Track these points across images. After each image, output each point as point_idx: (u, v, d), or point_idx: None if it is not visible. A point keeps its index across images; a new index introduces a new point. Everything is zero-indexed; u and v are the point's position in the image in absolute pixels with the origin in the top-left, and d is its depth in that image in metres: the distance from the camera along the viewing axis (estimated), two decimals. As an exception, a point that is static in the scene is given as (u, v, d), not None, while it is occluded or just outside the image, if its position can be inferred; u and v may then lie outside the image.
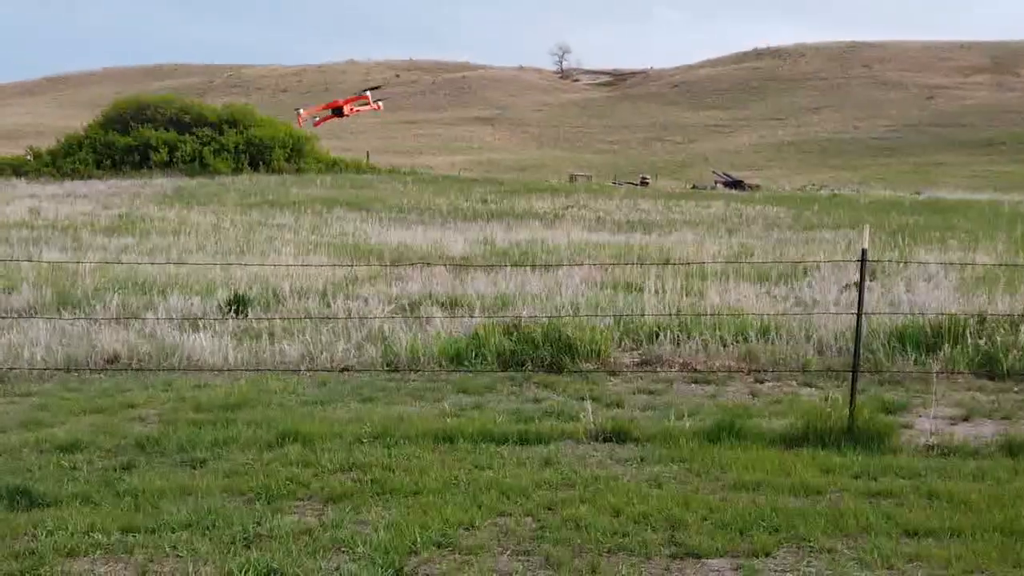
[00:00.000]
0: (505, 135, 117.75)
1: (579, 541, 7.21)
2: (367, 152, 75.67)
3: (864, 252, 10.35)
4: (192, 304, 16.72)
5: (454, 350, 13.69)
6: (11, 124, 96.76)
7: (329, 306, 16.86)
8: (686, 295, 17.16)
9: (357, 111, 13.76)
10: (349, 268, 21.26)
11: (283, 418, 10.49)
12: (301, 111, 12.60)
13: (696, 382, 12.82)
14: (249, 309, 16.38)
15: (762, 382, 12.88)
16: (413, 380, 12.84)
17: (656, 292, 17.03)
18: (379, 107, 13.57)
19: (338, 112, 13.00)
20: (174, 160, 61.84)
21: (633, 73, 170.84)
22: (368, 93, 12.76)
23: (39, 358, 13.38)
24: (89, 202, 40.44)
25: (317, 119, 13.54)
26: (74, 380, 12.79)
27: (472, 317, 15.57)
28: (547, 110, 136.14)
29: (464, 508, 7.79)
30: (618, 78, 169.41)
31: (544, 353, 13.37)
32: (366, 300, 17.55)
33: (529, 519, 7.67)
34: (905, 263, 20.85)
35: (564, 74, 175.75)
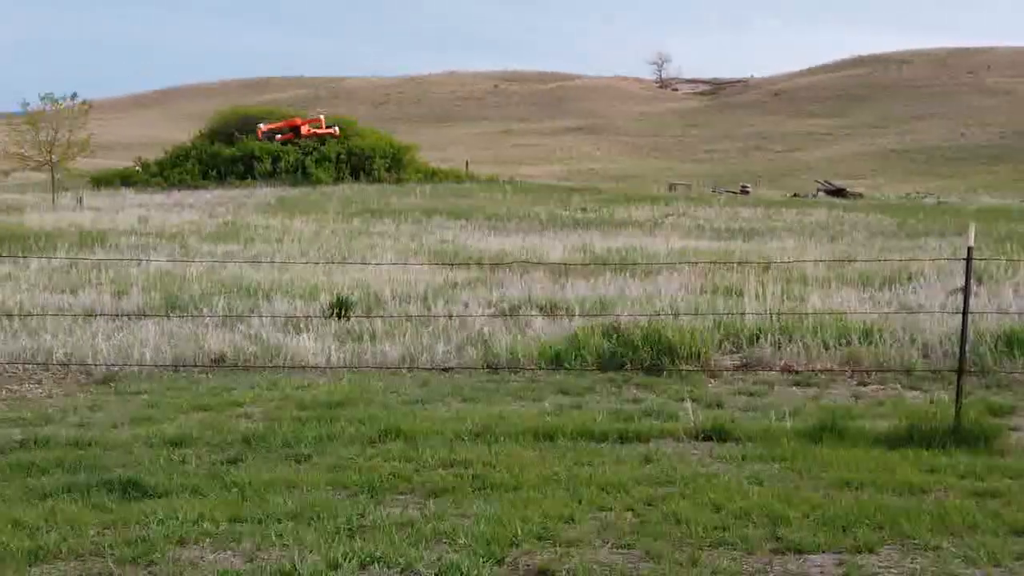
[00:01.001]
0: (603, 145, 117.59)
1: (679, 535, 7.21)
2: (466, 162, 76.09)
3: (970, 251, 10.19)
4: (296, 307, 17.00)
5: (553, 352, 13.77)
6: (123, 136, 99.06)
7: (429, 310, 17.04)
8: (786, 299, 17.02)
9: (313, 132, 14.12)
10: (448, 272, 21.45)
11: (385, 416, 10.64)
12: (262, 126, 13.04)
13: (797, 384, 12.73)
14: (351, 312, 16.60)
15: (865, 384, 12.74)
16: (513, 381, 12.94)
17: (756, 296, 16.93)
18: (335, 132, 13.90)
19: (296, 131, 13.38)
20: (277, 170, 62.78)
21: (732, 82, 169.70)
22: (322, 117, 13.22)
23: (148, 358, 13.70)
24: (195, 211, 41.25)
25: (278, 135, 13.96)
26: (182, 379, 13.10)
27: (571, 319, 15.65)
28: (645, 120, 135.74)
29: (564, 503, 7.84)
30: (717, 87, 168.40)
31: (643, 355, 13.38)
32: (466, 304, 17.73)
33: (629, 514, 7.68)
34: (1013, 269, 20.43)
35: (663, 83, 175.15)
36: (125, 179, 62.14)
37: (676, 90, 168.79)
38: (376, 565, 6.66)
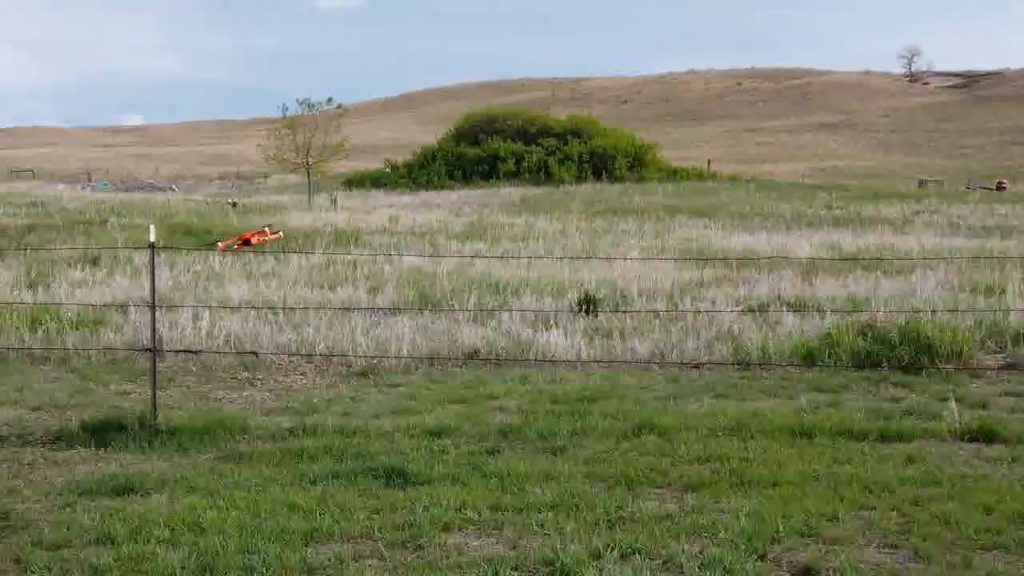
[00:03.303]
0: (849, 141, 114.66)
1: (949, 537, 6.98)
2: (708, 160, 75.47)
3: None
4: (544, 303, 17.21)
5: (806, 349, 13.54)
6: (371, 139, 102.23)
7: (676, 306, 16.99)
8: (1054, 298, 16.25)
9: (261, 240, 14.61)
10: (695, 270, 21.33)
11: (638, 411, 10.67)
12: (220, 244, 13.68)
13: (1069, 386, 12.12)
14: (599, 308, 16.69)
15: None
16: (764, 378, 12.77)
17: (1021, 295, 16.23)
18: (279, 236, 14.44)
19: (247, 243, 13.95)
20: (520, 170, 63.74)
21: (987, 74, 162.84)
22: (267, 229, 13.71)
23: (405, 351, 14.10)
24: (442, 210, 42.26)
25: (235, 247, 14.52)
26: (437, 372, 13.44)
27: (822, 317, 15.35)
28: (894, 115, 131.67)
29: (826, 500, 7.69)
30: (970, 80, 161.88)
31: (901, 353, 13.00)
32: (713, 301, 17.61)
33: (894, 513, 7.49)
34: None
35: (913, 77, 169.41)
36: (375, 180, 64.20)
37: (927, 84, 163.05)
38: (637, 556, 6.68)
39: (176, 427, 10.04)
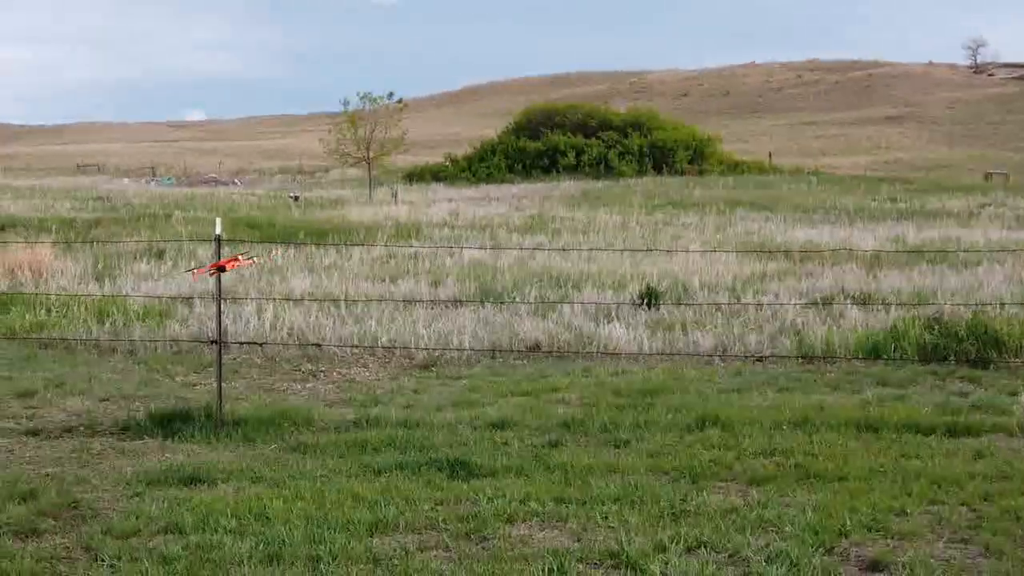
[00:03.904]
0: (913, 134, 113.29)
1: (1020, 532, 6.88)
2: (769, 153, 74.93)
3: None
4: (605, 296, 17.18)
5: (871, 343, 13.43)
6: (431, 133, 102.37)
7: (738, 300, 16.90)
8: None
9: (235, 265, 14.66)
10: (756, 263, 21.20)
11: (701, 404, 10.62)
12: (194, 270, 13.76)
13: None
14: (660, 301, 16.63)
15: None
16: (828, 372, 12.68)
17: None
18: (253, 261, 14.45)
19: (221, 269, 14.03)
20: (580, 164, 63.65)
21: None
22: (240, 256, 13.83)
23: (466, 344, 14.13)
24: (502, 204, 42.25)
25: (210, 273, 14.57)
26: (498, 365, 13.46)
27: (887, 311, 15.21)
28: (959, 107, 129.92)
29: (893, 495, 7.61)
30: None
31: (968, 347, 12.86)
32: (776, 295, 17.50)
33: (964, 508, 7.40)
34: None
35: (978, 69, 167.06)
36: (435, 174, 64.35)
37: (992, 75, 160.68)
38: (703, 549, 6.65)
39: (241, 418, 10.13)
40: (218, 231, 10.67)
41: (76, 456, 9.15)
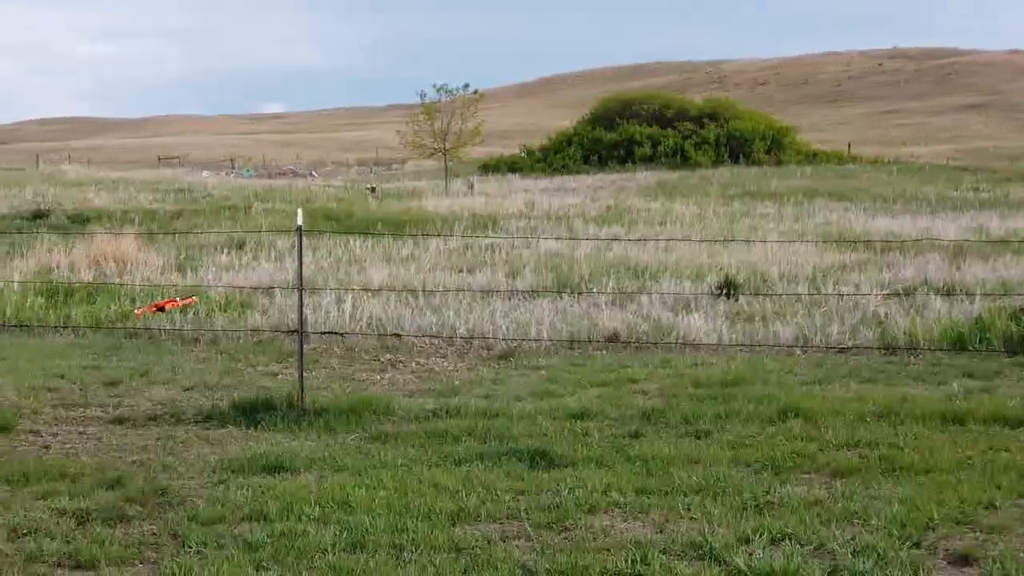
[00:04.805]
0: (996, 122, 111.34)
1: (1114, 527, 6.74)
2: (848, 143, 74.04)
3: None
4: (683, 287, 17.09)
5: (956, 334, 13.25)
6: (507, 124, 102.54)
7: (819, 290, 16.73)
8: None
9: (174, 307, 14.69)
10: (836, 253, 20.98)
11: (782, 395, 10.52)
12: (137, 310, 13.80)
13: None
14: (739, 292, 16.52)
15: None
16: (912, 363, 12.51)
17: None
18: (193, 300, 14.46)
19: (161, 309, 14.15)
20: (656, 154, 63.34)
21: None
22: (177, 299, 13.87)
23: (544, 335, 14.12)
24: (578, 195, 42.20)
25: (151, 312, 14.73)
26: (577, 355, 13.44)
27: (972, 301, 14.98)
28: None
29: (982, 488, 7.48)
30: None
31: (1056, 339, 12.60)
32: (856, 285, 17.31)
33: (1055, 502, 7.27)
34: None
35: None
36: (511, 165, 64.40)
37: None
38: (788, 542, 6.58)
39: (323, 407, 10.20)
40: (299, 222, 10.75)
41: (161, 444, 9.27)
